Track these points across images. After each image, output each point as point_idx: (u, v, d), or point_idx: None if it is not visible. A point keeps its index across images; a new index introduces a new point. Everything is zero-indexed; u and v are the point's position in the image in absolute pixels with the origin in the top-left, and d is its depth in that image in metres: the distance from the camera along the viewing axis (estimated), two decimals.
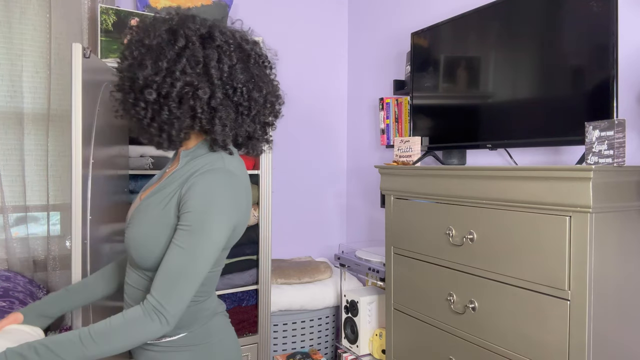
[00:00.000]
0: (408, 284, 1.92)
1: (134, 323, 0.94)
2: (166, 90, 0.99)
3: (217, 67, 1.02)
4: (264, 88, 1.09)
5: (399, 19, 2.77)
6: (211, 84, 1.01)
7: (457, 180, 1.66)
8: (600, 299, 1.29)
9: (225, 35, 1.06)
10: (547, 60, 1.66)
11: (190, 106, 1.00)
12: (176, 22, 1.04)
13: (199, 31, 1.04)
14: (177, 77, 0.99)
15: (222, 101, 1.02)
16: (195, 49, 1.01)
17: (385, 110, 2.55)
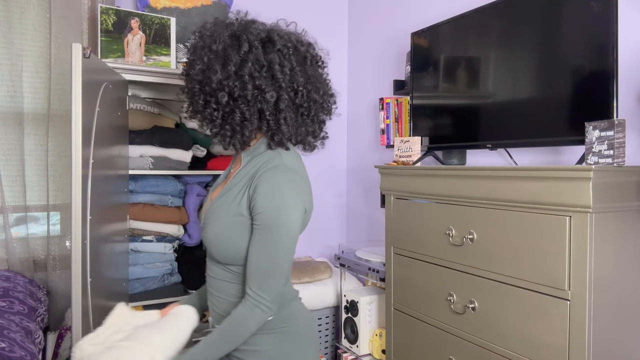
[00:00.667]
0: (408, 284, 1.92)
1: (242, 319, 1.07)
2: (237, 93, 1.07)
3: (281, 71, 1.09)
4: (320, 89, 1.17)
5: (399, 19, 2.77)
6: (277, 87, 1.09)
7: (457, 180, 1.66)
8: (600, 299, 1.29)
9: (283, 39, 1.13)
10: (547, 60, 1.66)
11: (259, 109, 1.09)
12: (237, 28, 1.12)
13: (260, 35, 1.12)
14: (246, 81, 1.07)
15: (287, 103, 1.11)
16: (259, 54, 1.09)
17: (385, 110, 2.55)
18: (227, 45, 1.09)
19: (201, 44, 1.13)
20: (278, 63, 1.10)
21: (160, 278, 2.22)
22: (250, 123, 1.10)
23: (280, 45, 1.12)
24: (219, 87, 1.08)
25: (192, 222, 2.33)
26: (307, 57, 1.17)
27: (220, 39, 1.09)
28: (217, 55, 1.09)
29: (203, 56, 1.10)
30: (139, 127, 2.20)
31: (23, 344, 1.58)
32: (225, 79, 1.08)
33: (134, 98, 2.26)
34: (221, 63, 1.08)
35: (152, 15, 2.25)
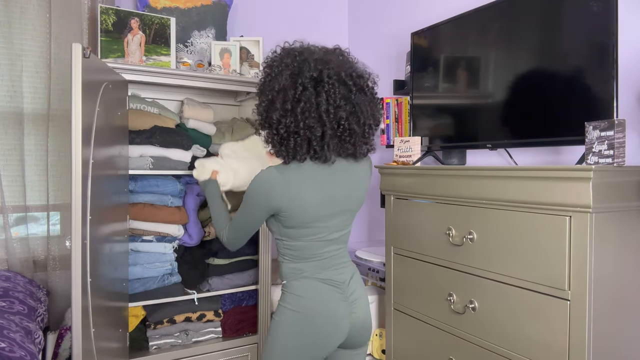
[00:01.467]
0: (408, 284, 1.92)
1: (222, 228, 1.60)
2: (292, 128, 1.37)
3: (327, 111, 1.36)
4: (362, 118, 1.43)
5: (399, 19, 2.77)
6: (322, 124, 1.37)
7: (457, 180, 1.66)
8: (600, 299, 1.29)
9: (332, 78, 1.38)
10: (547, 60, 1.66)
11: (308, 138, 1.38)
12: (295, 69, 1.39)
13: (313, 76, 1.38)
14: (299, 119, 1.35)
15: (331, 134, 1.38)
16: (310, 95, 1.36)
17: (385, 110, 2.55)
18: (287, 86, 1.38)
19: (268, 79, 1.44)
20: (325, 103, 1.36)
21: (160, 278, 2.22)
22: (300, 148, 1.39)
23: (328, 86, 1.37)
24: (278, 122, 1.38)
25: (192, 222, 2.33)
26: (352, 90, 1.41)
27: (281, 79, 1.39)
28: (279, 93, 1.38)
29: (268, 94, 1.41)
30: (139, 127, 2.20)
31: (23, 344, 1.58)
32: (282, 116, 1.37)
33: (134, 98, 2.26)
34: (281, 101, 1.37)
35: (152, 15, 2.25)
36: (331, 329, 1.45)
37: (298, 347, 1.44)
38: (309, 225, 1.44)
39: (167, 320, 2.31)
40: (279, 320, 1.48)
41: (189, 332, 2.34)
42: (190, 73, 2.24)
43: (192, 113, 2.37)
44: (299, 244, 1.48)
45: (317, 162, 1.42)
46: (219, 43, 2.41)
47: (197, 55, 2.47)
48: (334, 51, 1.50)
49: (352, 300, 1.50)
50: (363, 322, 1.51)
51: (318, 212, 1.44)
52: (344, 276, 1.52)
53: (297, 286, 1.48)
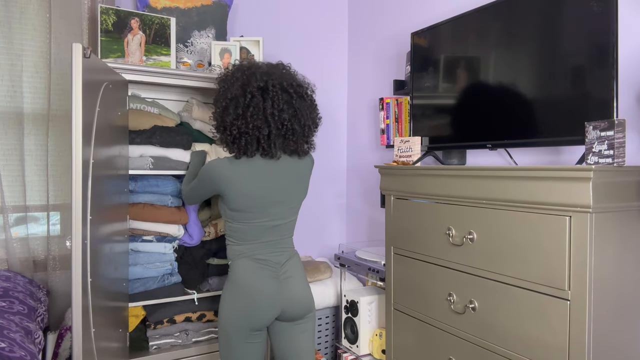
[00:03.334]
0: (408, 284, 1.92)
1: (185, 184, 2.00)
2: (243, 129, 1.66)
3: (272, 114, 1.66)
4: (302, 120, 1.73)
5: (399, 19, 2.77)
6: (268, 125, 1.67)
7: (457, 180, 1.66)
8: (600, 299, 1.29)
9: (275, 87, 1.68)
10: (547, 60, 1.66)
11: (256, 137, 1.67)
12: (245, 80, 1.68)
13: (259, 85, 1.67)
14: (248, 121, 1.65)
15: (276, 133, 1.68)
16: (258, 101, 1.66)
17: (385, 110, 2.55)
18: (238, 95, 1.67)
19: (222, 90, 1.73)
20: (270, 107, 1.66)
21: (160, 278, 2.22)
22: (251, 145, 1.68)
23: (273, 94, 1.67)
24: (231, 125, 1.67)
25: (192, 222, 2.33)
26: (293, 96, 1.71)
27: (233, 88, 1.68)
28: (232, 101, 1.68)
29: (222, 102, 1.70)
30: (139, 127, 2.20)
31: (23, 344, 1.58)
32: (235, 119, 1.67)
33: (134, 98, 2.26)
34: (233, 107, 1.67)
35: (152, 15, 2.25)
36: (262, 302, 1.69)
37: (236, 317, 1.68)
38: (250, 210, 1.72)
39: (167, 320, 2.31)
40: (222, 296, 1.74)
41: (189, 332, 2.34)
42: (190, 73, 2.24)
43: (200, 114, 2.38)
44: (242, 226, 1.74)
45: (265, 157, 1.71)
46: (219, 43, 2.41)
47: (197, 55, 2.47)
48: (277, 65, 1.78)
49: (283, 279, 1.75)
50: (295, 297, 1.75)
51: (258, 199, 1.72)
52: (280, 258, 1.77)
53: (237, 265, 1.73)
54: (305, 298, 1.77)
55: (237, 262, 1.74)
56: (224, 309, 1.71)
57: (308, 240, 3.18)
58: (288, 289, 1.74)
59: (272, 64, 1.78)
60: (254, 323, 1.69)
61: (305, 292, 1.78)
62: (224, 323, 1.70)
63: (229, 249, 1.80)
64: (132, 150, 2.17)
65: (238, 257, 1.75)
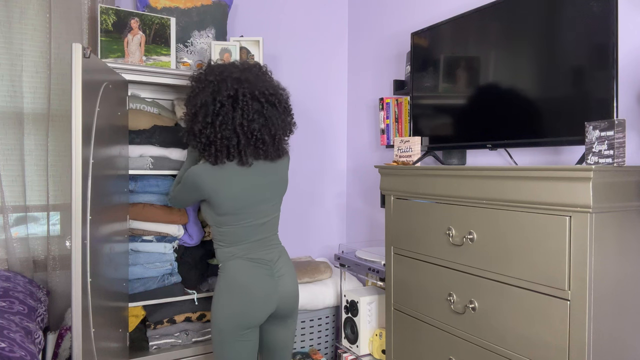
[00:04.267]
0: (408, 284, 1.92)
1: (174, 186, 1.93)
2: (212, 138, 1.66)
3: (241, 124, 1.66)
4: (272, 129, 1.73)
5: (399, 19, 2.77)
6: (237, 135, 1.67)
7: (457, 180, 1.66)
8: (600, 299, 1.29)
9: (246, 96, 1.67)
10: (547, 60, 1.66)
11: (226, 146, 1.67)
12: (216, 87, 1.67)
13: (230, 94, 1.66)
14: (217, 130, 1.65)
15: (245, 143, 1.69)
16: (227, 110, 1.66)
17: (385, 110, 2.55)
18: (208, 102, 1.66)
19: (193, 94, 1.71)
20: (240, 117, 1.65)
21: (160, 278, 2.22)
22: (221, 154, 1.68)
23: (243, 103, 1.66)
24: (200, 133, 1.68)
25: (192, 222, 2.33)
26: (264, 105, 1.70)
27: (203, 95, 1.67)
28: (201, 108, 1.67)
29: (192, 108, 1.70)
30: (139, 127, 2.20)
31: (23, 344, 1.58)
32: (204, 127, 1.67)
33: (134, 98, 2.26)
34: (203, 115, 1.66)
35: (152, 15, 2.25)
36: (260, 300, 1.71)
37: (233, 316, 1.69)
38: (236, 212, 1.74)
39: (167, 320, 2.31)
40: (216, 298, 1.73)
41: (189, 332, 2.34)
42: (190, 73, 2.24)
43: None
44: (230, 229, 1.76)
45: (237, 164, 1.72)
46: (219, 43, 2.41)
47: (197, 55, 2.47)
48: (251, 69, 1.75)
49: (278, 276, 1.78)
50: (289, 295, 1.79)
51: (243, 201, 1.73)
52: (272, 256, 1.80)
53: (230, 266, 1.75)
54: (296, 295, 1.84)
55: (229, 263, 1.76)
56: (219, 310, 1.71)
57: (308, 240, 3.18)
58: (283, 286, 1.78)
59: (247, 67, 1.76)
60: (251, 321, 1.71)
61: (296, 290, 1.84)
62: (220, 323, 1.70)
63: (219, 252, 1.81)
64: (132, 150, 2.17)
65: (230, 258, 1.77)
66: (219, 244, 1.80)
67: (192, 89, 1.74)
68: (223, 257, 1.79)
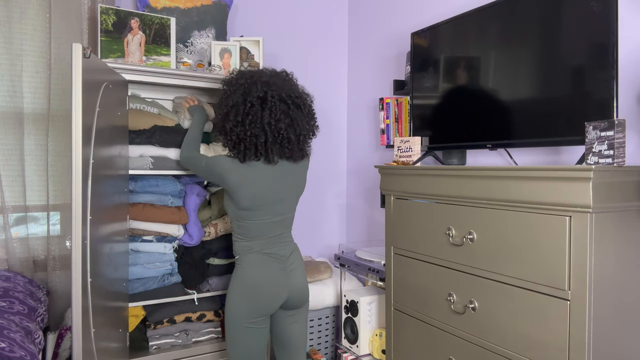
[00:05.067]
0: (408, 284, 1.92)
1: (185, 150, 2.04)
2: (241, 136, 1.77)
3: (269, 123, 1.77)
4: (297, 129, 1.83)
5: (399, 19, 2.77)
6: (265, 133, 1.77)
7: (457, 180, 1.66)
8: (600, 299, 1.29)
9: (274, 97, 1.78)
10: (547, 60, 1.66)
11: (254, 144, 1.78)
12: (246, 89, 1.79)
13: (259, 95, 1.77)
14: (247, 128, 1.76)
15: (272, 141, 1.79)
16: (256, 111, 1.76)
17: (385, 110, 2.55)
18: (239, 102, 1.78)
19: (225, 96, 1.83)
20: (268, 117, 1.76)
21: (160, 278, 2.22)
22: (249, 151, 1.79)
23: (271, 103, 1.77)
24: (230, 131, 1.79)
25: (192, 222, 2.33)
26: (290, 107, 1.80)
27: (235, 96, 1.79)
28: (233, 108, 1.79)
29: (222, 108, 1.82)
30: (139, 127, 2.20)
31: (23, 344, 1.58)
32: (234, 126, 1.77)
33: (134, 98, 2.26)
34: (234, 114, 1.77)
35: (152, 15, 2.25)
36: (272, 290, 1.82)
37: (248, 305, 1.80)
38: (258, 208, 1.84)
39: (167, 320, 2.31)
40: (232, 288, 1.84)
41: (189, 332, 2.34)
42: (190, 73, 2.24)
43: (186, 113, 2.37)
44: (250, 224, 1.86)
45: (263, 162, 1.82)
46: (219, 43, 2.41)
47: (197, 55, 2.47)
48: (279, 74, 1.87)
49: (289, 270, 1.89)
50: (299, 287, 1.90)
51: (265, 198, 1.84)
52: (285, 251, 1.90)
53: (246, 260, 1.85)
54: (305, 288, 1.94)
55: (246, 257, 1.86)
56: (236, 299, 1.81)
57: (308, 240, 3.18)
58: (294, 279, 1.89)
59: (275, 72, 1.88)
60: (264, 309, 1.82)
61: (306, 283, 1.94)
62: (235, 311, 1.81)
63: (237, 244, 1.90)
64: (132, 150, 2.17)
65: (247, 252, 1.87)
66: (237, 236, 1.90)
67: (224, 92, 1.85)
68: (241, 250, 1.88)
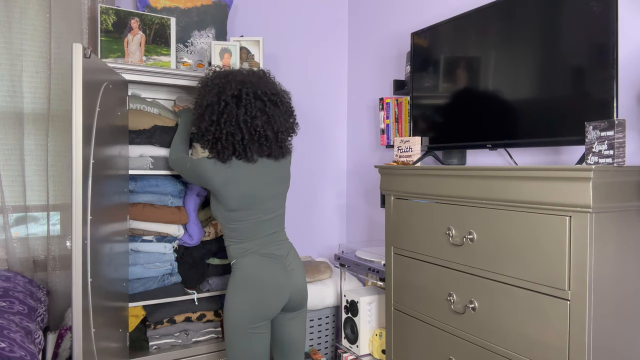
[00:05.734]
0: (408, 284, 1.92)
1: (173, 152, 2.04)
2: (217, 135, 1.76)
3: (244, 121, 1.75)
4: (275, 126, 1.81)
5: (399, 19, 2.77)
6: (241, 131, 1.76)
7: (457, 180, 1.66)
8: (600, 299, 1.29)
9: (249, 95, 1.76)
10: (547, 60, 1.66)
11: (231, 142, 1.76)
12: (220, 88, 1.77)
13: (233, 93, 1.75)
14: (222, 127, 1.75)
15: (249, 139, 1.77)
16: (231, 109, 1.75)
17: (385, 110, 2.55)
18: (213, 102, 1.77)
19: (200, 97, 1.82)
20: (243, 114, 1.74)
21: (160, 278, 2.22)
22: (227, 150, 1.78)
23: (246, 101, 1.75)
24: (206, 131, 1.78)
25: (192, 222, 2.33)
26: (266, 104, 1.78)
27: (209, 96, 1.77)
28: (207, 108, 1.78)
29: (198, 108, 1.81)
30: (139, 127, 2.20)
31: (23, 344, 1.58)
32: (210, 125, 1.76)
33: (134, 98, 2.26)
34: (209, 114, 1.76)
35: (152, 15, 2.25)
36: (275, 293, 1.79)
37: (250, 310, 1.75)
38: (247, 208, 1.82)
39: (167, 320, 2.31)
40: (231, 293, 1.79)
41: (189, 332, 2.34)
42: (190, 73, 2.24)
43: None
44: (241, 225, 1.83)
45: (243, 161, 1.81)
46: (219, 43, 2.41)
47: (197, 55, 2.47)
48: (256, 73, 1.86)
49: (289, 270, 1.86)
50: (299, 287, 1.88)
51: (252, 197, 1.82)
52: (283, 251, 1.88)
53: (244, 262, 1.82)
54: (305, 288, 1.92)
55: (244, 260, 1.83)
56: (236, 305, 1.76)
57: (308, 240, 3.18)
58: (294, 280, 1.86)
59: (252, 71, 1.87)
60: (267, 312, 1.79)
61: (305, 283, 1.93)
62: (236, 317, 1.76)
63: (231, 248, 1.87)
64: (132, 150, 2.17)
65: (244, 254, 1.84)
66: (231, 240, 1.87)
67: (199, 93, 1.84)
68: (236, 253, 1.85)
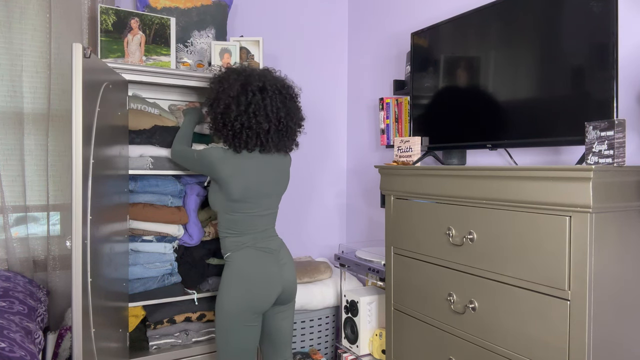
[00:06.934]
0: (408, 284, 1.92)
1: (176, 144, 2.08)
2: (246, 124, 1.81)
3: (271, 111, 1.83)
4: (294, 118, 1.92)
5: (399, 19, 2.77)
6: (269, 121, 1.84)
7: (457, 180, 1.66)
8: (600, 299, 1.29)
9: (273, 86, 1.85)
10: (547, 60, 1.66)
11: (256, 132, 1.83)
12: (245, 80, 1.84)
13: (259, 85, 1.83)
14: (251, 117, 1.80)
15: (274, 130, 1.86)
16: (258, 100, 1.81)
17: (385, 110, 2.55)
18: (240, 93, 1.81)
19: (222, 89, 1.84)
20: (269, 105, 1.82)
21: (160, 278, 2.22)
22: (251, 140, 1.83)
23: (271, 93, 1.84)
24: (235, 120, 1.80)
25: (192, 222, 2.33)
26: (286, 97, 1.89)
27: (235, 87, 1.81)
28: (234, 99, 1.81)
29: (225, 100, 1.82)
30: (139, 127, 2.20)
31: (23, 344, 1.58)
32: (238, 115, 1.80)
33: (134, 98, 2.26)
34: (236, 104, 1.80)
35: (152, 15, 2.25)
36: (269, 284, 1.85)
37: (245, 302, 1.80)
38: (249, 200, 1.87)
39: (167, 320, 2.31)
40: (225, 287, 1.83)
41: (189, 332, 2.34)
42: (190, 73, 2.24)
43: None
44: (240, 217, 1.88)
45: (262, 152, 1.89)
46: (219, 43, 2.41)
47: (197, 55, 2.47)
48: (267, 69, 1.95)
49: (282, 264, 1.92)
50: (291, 281, 1.94)
51: (256, 190, 1.88)
52: (275, 246, 1.95)
53: (239, 255, 1.87)
54: (295, 282, 2.00)
55: (239, 253, 1.87)
56: (230, 297, 1.81)
57: (308, 240, 3.18)
58: (286, 273, 1.93)
59: (263, 69, 1.95)
60: (260, 304, 1.84)
61: (295, 277, 2.00)
62: (230, 309, 1.80)
63: (227, 241, 1.90)
64: (132, 150, 2.17)
65: (240, 247, 1.88)
66: (227, 232, 1.90)
67: (218, 88, 1.86)
68: (232, 246, 1.89)
